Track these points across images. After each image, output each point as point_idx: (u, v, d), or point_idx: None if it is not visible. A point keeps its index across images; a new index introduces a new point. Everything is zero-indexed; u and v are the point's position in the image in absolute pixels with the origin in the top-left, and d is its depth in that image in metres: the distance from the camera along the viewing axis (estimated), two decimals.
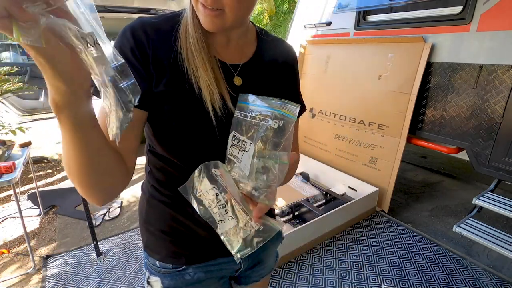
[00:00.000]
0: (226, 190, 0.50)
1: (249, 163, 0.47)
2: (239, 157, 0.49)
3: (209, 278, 0.70)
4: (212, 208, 0.51)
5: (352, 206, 2.27)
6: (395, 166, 2.44)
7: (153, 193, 0.66)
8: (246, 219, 0.50)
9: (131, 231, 2.27)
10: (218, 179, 0.50)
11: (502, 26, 1.83)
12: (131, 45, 0.52)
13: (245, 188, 0.50)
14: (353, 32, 2.78)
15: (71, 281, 1.78)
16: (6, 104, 4.23)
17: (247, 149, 0.48)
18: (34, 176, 2.49)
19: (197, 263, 0.68)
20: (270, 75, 0.65)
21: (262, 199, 0.49)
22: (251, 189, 0.49)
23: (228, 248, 0.53)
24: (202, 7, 0.50)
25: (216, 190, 0.50)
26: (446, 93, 2.16)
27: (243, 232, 0.51)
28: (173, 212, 0.64)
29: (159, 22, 0.55)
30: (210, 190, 0.50)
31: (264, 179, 0.48)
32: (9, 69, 2.56)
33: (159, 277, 0.68)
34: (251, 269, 0.77)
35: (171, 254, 0.66)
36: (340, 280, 1.79)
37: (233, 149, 0.51)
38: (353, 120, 2.74)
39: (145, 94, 0.52)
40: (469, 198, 2.17)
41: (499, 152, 1.93)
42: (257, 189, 0.49)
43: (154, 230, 0.67)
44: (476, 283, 1.77)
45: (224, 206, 0.50)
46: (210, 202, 0.51)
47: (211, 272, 0.70)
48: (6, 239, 2.22)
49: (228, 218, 0.51)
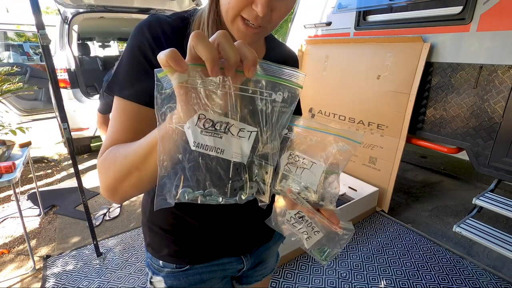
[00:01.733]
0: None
1: (316, 181, 0.50)
2: (299, 174, 0.52)
3: (212, 278, 0.70)
4: (298, 228, 0.55)
5: (352, 206, 2.27)
6: (394, 166, 2.44)
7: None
8: (329, 228, 0.53)
9: (131, 231, 2.27)
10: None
11: (502, 26, 1.83)
12: (148, 41, 0.50)
13: (310, 199, 0.53)
14: (353, 32, 2.78)
15: (71, 281, 1.78)
16: (6, 104, 4.23)
17: (308, 167, 0.50)
18: (34, 176, 2.49)
19: (201, 263, 0.68)
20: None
21: (330, 207, 0.52)
22: (317, 200, 0.52)
23: (316, 259, 0.56)
24: (243, 24, 0.48)
25: (301, 213, 0.54)
26: (446, 93, 2.16)
27: (328, 239, 0.54)
28: (177, 211, 0.64)
29: (173, 21, 0.54)
30: (294, 215, 0.54)
31: (329, 190, 0.51)
32: (9, 69, 2.56)
33: (162, 277, 0.68)
34: (253, 268, 0.77)
35: (175, 254, 0.66)
36: (340, 280, 1.79)
37: (290, 166, 0.52)
38: (353, 120, 2.74)
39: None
40: (469, 198, 2.18)
41: (499, 152, 1.93)
42: (323, 199, 0.52)
43: (157, 230, 0.67)
44: (476, 283, 1.77)
45: (311, 224, 0.54)
46: (295, 224, 0.54)
47: (215, 272, 0.70)
48: (6, 239, 2.22)
49: (315, 233, 0.54)
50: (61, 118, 1.69)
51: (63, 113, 1.69)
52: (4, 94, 2.39)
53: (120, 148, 0.47)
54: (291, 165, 0.51)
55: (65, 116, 1.69)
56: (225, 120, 0.37)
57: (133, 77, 0.50)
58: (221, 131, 0.37)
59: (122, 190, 0.46)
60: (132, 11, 3.58)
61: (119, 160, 0.45)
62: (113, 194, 0.47)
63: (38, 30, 1.49)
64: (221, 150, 0.38)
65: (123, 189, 0.46)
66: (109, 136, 0.51)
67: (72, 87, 3.30)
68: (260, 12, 0.45)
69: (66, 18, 3.27)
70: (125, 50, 0.52)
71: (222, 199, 0.41)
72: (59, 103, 1.67)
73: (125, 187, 0.45)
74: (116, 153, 0.46)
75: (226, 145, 0.38)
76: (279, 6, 0.47)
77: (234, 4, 0.46)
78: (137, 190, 0.46)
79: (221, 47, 0.33)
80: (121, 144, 0.48)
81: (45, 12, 10.15)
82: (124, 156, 0.44)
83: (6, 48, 5.50)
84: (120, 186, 0.46)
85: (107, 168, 0.46)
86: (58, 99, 1.65)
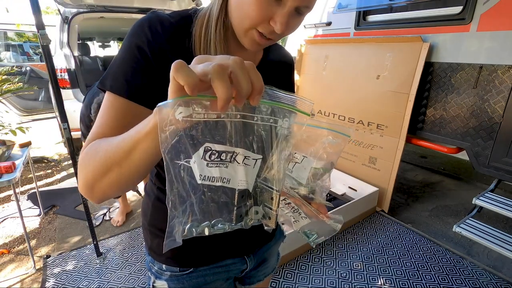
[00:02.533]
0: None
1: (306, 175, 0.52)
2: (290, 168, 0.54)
3: (216, 280, 0.69)
4: (286, 212, 0.57)
5: (352, 206, 2.26)
6: (394, 166, 2.44)
7: (158, 195, 0.65)
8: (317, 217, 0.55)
9: (131, 231, 2.27)
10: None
11: (502, 26, 1.83)
12: (148, 38, 0.49)
13: (301, 193, 0.55)
14: (353, 32, 2.79)
15: (71, 281, 1.78)
16: (6, 104, 4.23)
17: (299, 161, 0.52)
18: (34, 176, 2.49)
19: (205, 265, 0.67)
20: (276, 77, 0.69)
21: (320, 200, 0.55)
22: (307, 193, 0.55)
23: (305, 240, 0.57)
24: (258, 36, 0.50)
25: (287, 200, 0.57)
26: (446, 93, 2.16)
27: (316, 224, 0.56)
28: None
29: (174, 18, 0.53)
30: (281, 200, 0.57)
31: (320, 184, 0.53)
32: (9, 69, 2.56)
33: (165, 281, 0.66)
34: (256, 268, 0.77)
35: (178, 257, 0.65)
36: (340, 280, 1.79)
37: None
38: (352, 120, 2.74)
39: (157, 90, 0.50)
40: (469, 198, 2.18)
41: (499, 152, 1.93)
42: (313, 192, 0.55)
43: (159, 233, 0.65)
44: (476, 283, 1.77)
45: (297, 210, 0.56)
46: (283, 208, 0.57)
47: (219, 273, 0.69)
48: (6, 239, 2.22)
49: (302, 218, 0.56)
50: (61, 118, 1.69)
51: (63, 113, 1.69)
52: (4, 94, 2.39)
53: (102, 142, 0.44)
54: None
55: (65, 116, 1.69)
56: (231, 150, 0.37)
57: (128, 73, 0.49)
58: (226, 160, 0.37)
59: (100, 187, 0.43)
60: (132, 11, 3.58)
61: (99, 155, 0.42)
62: (91, 191, 0.44)
63: (38, 30, 1.49)
64: (227, 180, 0.37)
65: (101, 187, 0.43)
66: (94, 131, 0.49)
67: (72, 87, 3.30)
68: (278, 30, 0.48)
69: (66, 18, 3.27)
70: (122, 46, 0.51)
71: (228, 226, 0.40)
72: (59, 103, 1.67)
73: (104, 185, 0.43)
74: (98, 147, 0.44)
75: (232, 174, 0.37)
76: (293, 22, 0.50)
77: (253, 17, 0.48)
78: (116, 188, 0.44)
79: (235, 77, 0.31)
80: (104, 139, 0.45)
81: (45, 12, 10.15)
82: (105, 150, 0.42)
83: (6, 48, 5.50)
84: (98, 183, 0.43)
85: (87, 163, 0.44)
86: (58, 99, 1.65)
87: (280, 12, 0.47)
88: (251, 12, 0.47)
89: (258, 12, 0.47)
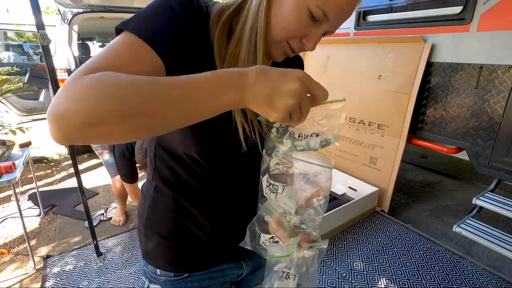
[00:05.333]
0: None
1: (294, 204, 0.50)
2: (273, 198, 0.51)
3: (211, 285, 0.69)
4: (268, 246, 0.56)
5: (352, 206, 2.26)
6: (395, 166, 2.44)
7: (155, 197, 0.64)
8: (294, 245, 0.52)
9: (131, 231, 2.27)
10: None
11: (502, 26, 1.83)
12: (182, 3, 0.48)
13: (292, 222, 0.53)
14: (353, 32, 2.79)
15: (71, 281, 1.78)
16: (6, 104, 4.22)
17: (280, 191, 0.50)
18: (34, 176, 2.49)
19: (200, 270, 0.66)
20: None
21: (310, 232, 0.52)
22: (299, 223, 0.52)
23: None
24: (289, 49, 0.52)
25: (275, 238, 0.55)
26: (446, 93, 2.16)
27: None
28: (177, 215, 0.62)
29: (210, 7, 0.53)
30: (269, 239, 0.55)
31: (312, 213, 0.51)
32: (9, 69, 2.56)
33: (159, 285, 0.66)
34: (253, 273, 0.77)
35: (173, 262, 0.64)
36: (340, 280, 1.79)
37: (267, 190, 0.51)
38: (353, 120, 2.74)
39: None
40: (469, 198, 2.17)
41: (499, 152, 1.93)
42: (305, 222, 0.52)
43: (155, 237, 0.65)
44: (476, 283, 1.77)
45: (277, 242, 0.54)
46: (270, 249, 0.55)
47: (214, 278, 0.69)
48: (6, 239, 2.22)
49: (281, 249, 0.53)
50: None
51: None
52: (4, 94, 2.39)
53: (136, 77, 0.36)
54: (268, 189, 0.51)
55: None
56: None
57: (157, 23, 0.46)
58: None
59: (104, 130, 0.33)
60: (132, 11, 3.57)
61: (128, 92, 0.34)
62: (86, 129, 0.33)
63: (38, 30, 1.49)
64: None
65: (107, 130, 0.34)
66: (101, 62, 0.40)
67: None
68: (309, 48, 0.51)
69: (66, 18, 3.27)
70: (153, 2, 0.48)
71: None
72: None
73: (114, 127, 0.34)
74: (131, 79, 0.35)
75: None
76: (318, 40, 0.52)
77: (290, 30, 0.49)
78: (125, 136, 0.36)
79: (312, 93, 0.40)
80: (130, 75, 0.36)
81: (45, 12, 10.14)
82: (148, 88, 0.34)
83: (6, 48, 5.50)
84: (108, 124, 0.33)
85: (104, 91, 0.33)
86: None
87: (314, 32, 0.49)
88: (290, 25, 0.48)
89: (296, 26, 0.48)
